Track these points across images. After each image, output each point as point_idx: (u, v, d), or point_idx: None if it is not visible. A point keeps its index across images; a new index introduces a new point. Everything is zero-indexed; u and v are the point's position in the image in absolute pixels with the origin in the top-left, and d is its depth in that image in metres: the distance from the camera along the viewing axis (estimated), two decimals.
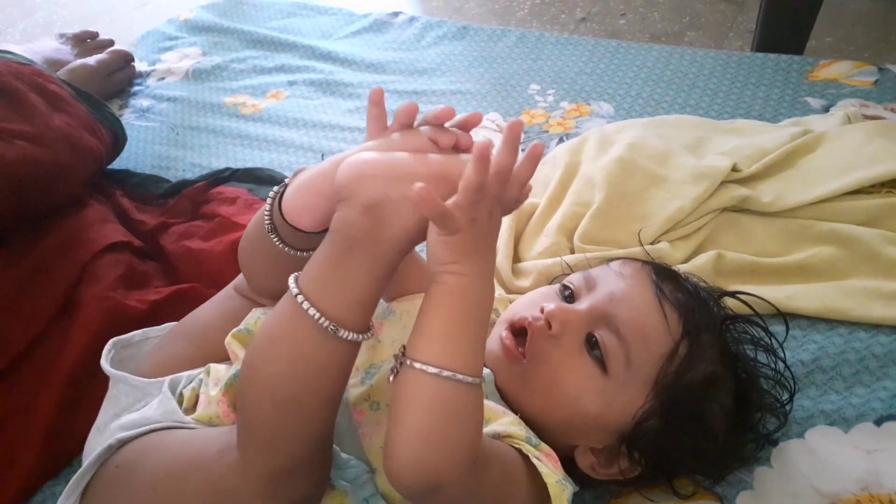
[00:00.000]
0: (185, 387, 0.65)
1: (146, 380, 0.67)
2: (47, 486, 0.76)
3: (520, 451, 0.55)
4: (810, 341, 0.77)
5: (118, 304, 0.83)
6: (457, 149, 0.51)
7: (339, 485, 0.55)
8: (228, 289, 0.76)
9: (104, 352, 0.71)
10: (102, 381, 0.72)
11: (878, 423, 0.68)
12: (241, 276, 0.74)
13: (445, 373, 0.45)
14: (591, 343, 0.60)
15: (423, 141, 0.51)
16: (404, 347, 0.48)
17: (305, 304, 0.47)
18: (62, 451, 0.77)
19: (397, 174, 0.47)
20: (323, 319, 0.47)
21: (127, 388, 0.68)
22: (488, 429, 0.56)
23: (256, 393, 0.49)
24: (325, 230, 0.51)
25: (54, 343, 0.82)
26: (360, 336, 0.48)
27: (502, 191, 0.47)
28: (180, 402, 0.64)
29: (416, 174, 0.47)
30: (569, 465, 0.61)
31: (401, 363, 0.48)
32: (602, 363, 0.59)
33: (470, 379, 0.46)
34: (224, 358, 0.69)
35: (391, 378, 0.48)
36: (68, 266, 0.87)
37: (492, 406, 0.60)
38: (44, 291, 0.85)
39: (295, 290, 0.47)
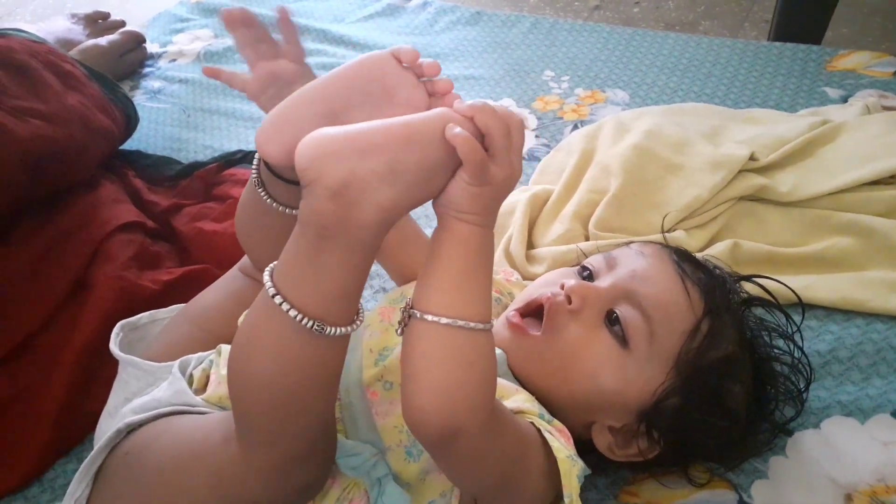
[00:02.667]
0: (194, 368, 0.65)
1: (155, 364, 0.67)
2: (59, 463, 0.76)
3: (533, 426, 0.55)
4: (827, 332, 0.76)
5: (131, 284, 0.83)
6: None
7: (346, 472, 0.55)
8: (233, 270, 0.76)
9: (112, 335, 0.70)
10: (114, 361, 0.72)
11: (895, 414, 0.68)
12: (245, 256, 0.74)
13: (459, 322, 0.45)
14: (612, 319, 0.60)
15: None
16: (411, 300, 0.47)
17: (285, 306, 0.43)
18: (74, 430, 0.77)
19: (360, 147, 0.42)
20: (305, 319, 0.43)
21: (136, 371, 0.67)
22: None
23: (247, 394, 0.47)
24: None
25: (67, 322, 0.82)
26: (348, 329, 0.45)
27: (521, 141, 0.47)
28: (190, 384, 0.64)
29: (382, 143, 0.43)
30: (583, 450, 0.60)
31: (409, 315, 0.46)
32: (623, 339, 0.59)
33: (482, 325, 0.46)
34: (231, 340, 0.69)
35: (399, 331, 0.47)
36: (81, 246, 0.87)
37: (504, 384, 0.59)
38: (56, 271, 0.85)
39: (272, 290, 0.44)
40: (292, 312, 0.44)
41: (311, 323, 0.44)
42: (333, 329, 0.45)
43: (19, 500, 0.74)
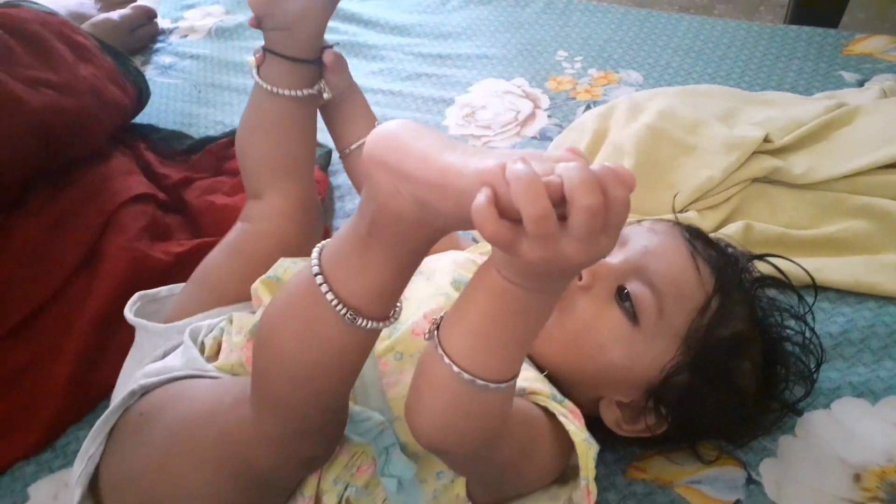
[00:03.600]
0: (205, 335, 0.65)
1: (161, 325, 0.68)
2: (71, 430, 0.77)
3: (545, 409, 0.55)
4: (839, 314, 0.76)
5: (142, 255, 0.83)
6: None
7: (352, 438, 0.55)
8: (234, 227, 0.76)
9: (129, 302, 0.71)
10: (125, 330, 0.72)
11: None
12: (244, 209, 0.76)
13: (466, 375, 0.41)
14: (623, 295, 0.60)
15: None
16: (441, 318, 0.43)
17: (324, 288, 0.43)
18: (86, 397, 0.78)
19: (402, 172, 0.39)
20: (341, 307, 0.43)
21: (146, 334, 0.68)
22: None
23: (269, 363, 0.47)
24: (310, 60, 0.50)
25: (78, 292, 0.82)
26: (381, 324, 0.45)
27: (591, 233, 0.35)
28: (202, 352, 0.64)
29: (419, 179, 0.38)
30: (591, 427, 0.60)
31: (431, 336, 0.43)
32: (633, 315, 0.59)
33: (493, 386, 0.41)
34: (234, 299, 0.70)
35: (426, 337, 0.44)
36: (93, 216, 0.87)
37: None
38: (68, 241, 0.85)
39: (316, 269, 0.43)
40: (330, 296, 0.43)
41: (345, 311, 0.43)
42: (365, 322, 0.43)
43: (32, 466, 0.74)
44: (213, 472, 0.53)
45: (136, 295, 0.72)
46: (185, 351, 0.63)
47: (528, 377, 0.57)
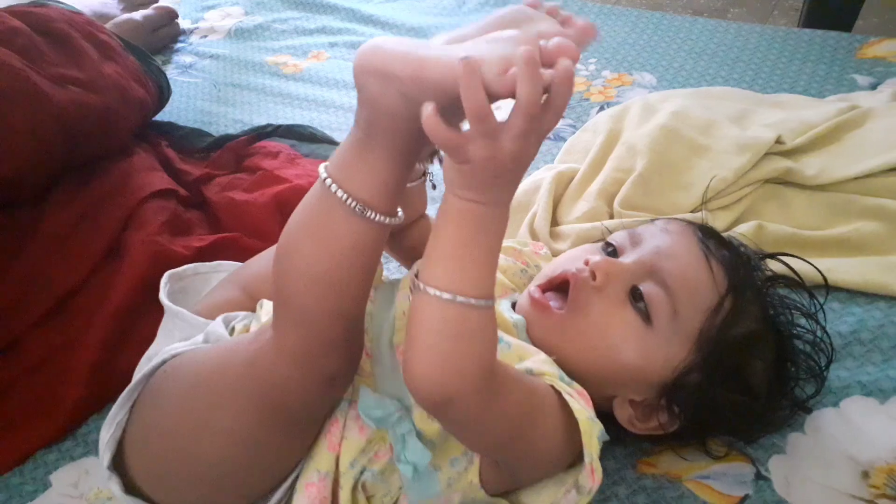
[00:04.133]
0: (238, 322, 0.67)
1: (202, 319, 0.68)
2: (93, 419, 0.79)
3: (553, 388, 0.56)
4: (849, 314, 0.76)
5: (163, 249, 0.85)
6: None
7: (367, 423, 0.56)
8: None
9: (161, 284, 0.72)
10: (147, 321, 0.74)
11: None
12: None
13: (446, 295, 0.46)
14: (636, 296, 0.60)
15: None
16: (416, 269, 0.49)
17: (334, 187, 0.48)
18: (108, 387, 0.79)
19: (387, 72, 0.44)
20: (350, 200, 0.48)
21: (182, 323, 0.69)
22: (520, 365, 0.57)
23: (289, 272, 0.51)
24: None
25: (101, 284, 0.84)
26: (386, 218, 0.49)
27: (530, 125, 0.43)
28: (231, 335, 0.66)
29: (399, 73, 0.44)
30: (605, 421, 0.61)
31: (413, 283, 0.48)
32: (646, 315, 0.60)
33: (473, 301, 0.46)
34: None
35: (410, 290, 0.49)
36: (115, 211, 0.89)
37: (524, 345, 0.60)
38: (92, 235, 0.87)
39: (324, 174, 0.49)
40: (340, 192, 0.48)
41: (355, 204, 0.48)
42: (374, 214, 0.48)
43: (54, 453, 0.76)
44: (239, 409, 0.54)
45: (166, 276, 0.73)
46: (213, 329, 0.65)
47: (537, 359, 0.58)
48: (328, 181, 0.48)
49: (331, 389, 0.55)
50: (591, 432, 0.54)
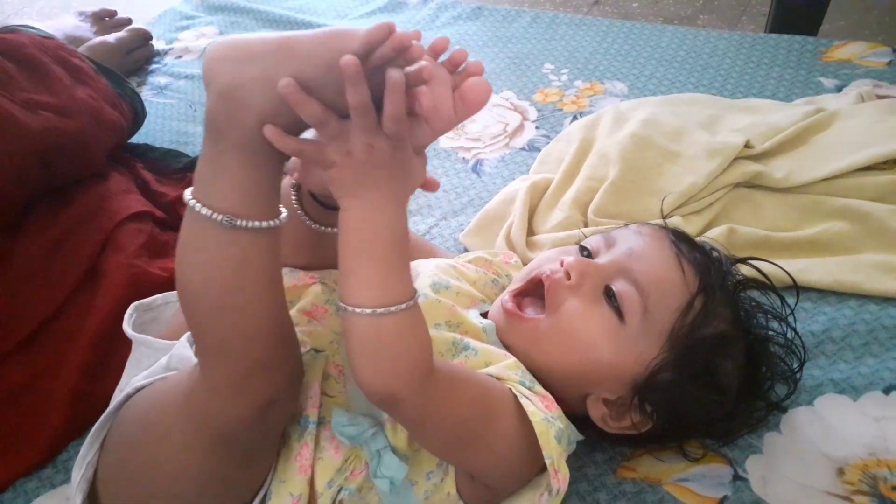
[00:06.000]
0: None
1: (168, 342, 0.68)
2: (72, 445, 0.78)
3: (511, 391, 0.56)
4: (821, 313, 0.78)
5: (141, 272, 0.85)
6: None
7: (342, 441, 0.57)
8: None
9: (126, 316, 0.72)
10: (126, 346, 0.73)
11: (887, 391, 0.70)
12: None
13: (360, 310, 0.47)
14: (609, 294, 0.62)
15: None
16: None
17: (198, 206, 0.47)
18: (87, 414, 0.78)
19: (241, 55, 0.45)
20: (215, 214, 0.46)
21: (149, 350, 0.68)
22: (485, 370, 0.58)
23: (191, 306, 0.50)
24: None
25: (79, 309, 0.84)
26: (262, 223, 0.48)
27: (366, 122, 0.45)
28: None
29: (259, 53, 0.45)
30: (581, 424, 0.62)
31: (337, 304, 0.50)
32: (619, 312, 0.61)
33: (393, 308, 0.47)
34: None
35: (337, 313, 0.51)
36: (92, 234, 0.89)
37: (493, 350, 0.61)
38: (69, 259, 0.87)
39: (188, 196, 0.48)
40: (204, 210, 0.47)
41: (220, 217, 0.46)
42: (244, 221, 0.47)
43: (34, 481, 0.76)
44: (185, 443, 0.54)
45: (131, 307, 0.72)
46: (177, 349, 0.64)
47: (501, 365, 0.59)
48: (192, 201, 0.47)
49: (271, 413, 0.53)
50: (548, 432, 0.54)
